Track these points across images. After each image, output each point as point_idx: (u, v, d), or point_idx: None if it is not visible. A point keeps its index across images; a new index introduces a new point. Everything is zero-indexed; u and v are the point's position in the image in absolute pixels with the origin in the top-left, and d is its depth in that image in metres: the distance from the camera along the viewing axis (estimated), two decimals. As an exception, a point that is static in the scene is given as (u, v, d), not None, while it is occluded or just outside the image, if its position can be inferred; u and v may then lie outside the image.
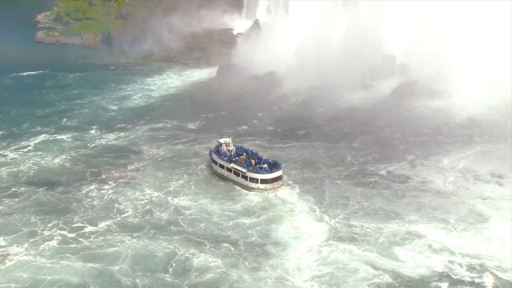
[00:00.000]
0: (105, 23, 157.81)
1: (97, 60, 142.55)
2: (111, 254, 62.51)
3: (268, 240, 65.09)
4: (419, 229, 66.83)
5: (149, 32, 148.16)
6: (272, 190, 75.50)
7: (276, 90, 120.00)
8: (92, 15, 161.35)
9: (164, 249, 63.18)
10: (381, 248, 63.66)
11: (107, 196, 74.81)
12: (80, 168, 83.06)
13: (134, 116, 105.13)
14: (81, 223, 68.54)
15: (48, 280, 58.59)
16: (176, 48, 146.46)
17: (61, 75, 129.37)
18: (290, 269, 60.18)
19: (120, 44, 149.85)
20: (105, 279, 58.68)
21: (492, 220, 68.49)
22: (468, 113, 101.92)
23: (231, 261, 61.45)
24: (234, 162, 78.22)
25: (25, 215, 70.05)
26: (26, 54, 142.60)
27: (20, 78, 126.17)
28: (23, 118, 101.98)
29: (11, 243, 64.80)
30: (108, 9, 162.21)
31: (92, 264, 60.79)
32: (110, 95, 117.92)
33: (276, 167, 76.56)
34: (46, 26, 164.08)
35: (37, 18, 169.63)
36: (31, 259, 61.91)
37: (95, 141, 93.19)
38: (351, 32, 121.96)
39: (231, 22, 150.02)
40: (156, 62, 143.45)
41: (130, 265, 60.64)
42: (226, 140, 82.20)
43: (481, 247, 63.43)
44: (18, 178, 79.31)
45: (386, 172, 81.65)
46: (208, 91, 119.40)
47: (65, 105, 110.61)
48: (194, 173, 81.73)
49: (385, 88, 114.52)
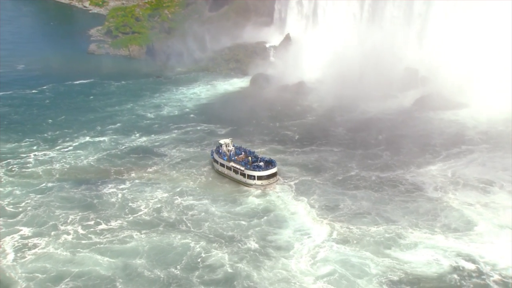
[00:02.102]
0: (149, 36, 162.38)
1: (141, 70, 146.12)
2: (129, 249, 64.91)
3: (269, 241, 66.31)
4: (412, 232, 67.65)
5: (189, 44, 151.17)
6: (268, 185, 78.38)
7: (303, 99, 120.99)
8: (138, 29, 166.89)
9: (177, 245, 65.32)
10: (379, 248, 64.60)
11: (125, 194, 77.49)
12: (105, 167, 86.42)
13: (169, 121, 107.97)
14: (100, 219, 71.22)
15: (74, 272, 60.88)
16: (214, 59, 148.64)
17: (108, 83, 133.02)
18: (294, 270, 61.01)
19: (162, 55, 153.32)
20: (128, 272, 60.83)
21: (478, 226, 68.64)
22: (481, 124, 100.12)
23: (238, 259, 62.87)
24: (233, 161, 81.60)
25: (50, 208, 73.64)
26: (79, 64, 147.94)
27: (72, 86, 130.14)
28: (69, 122, 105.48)
29: (36, 234, 67.68)
30: (152, 23, 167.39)
31: (109, 258, 62.88)
32: (149, 101, 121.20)
33: (272, 164, 79.85)
34: (98, 39, 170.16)
35: (90, 32, 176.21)
36: (53, 251, 64.40)
37: (125, 143, 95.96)
38: (376, 46, 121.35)
39: (264, 36, 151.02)
40: (195, 72, 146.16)
41: (148, 259, 62.87)
42: (226, 141, 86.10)
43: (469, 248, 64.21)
44: (51, 175, 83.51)
45: (382, 177, 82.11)
46: (241, 99, 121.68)
47: (108, 111, 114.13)
48: (208, 175, 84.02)
49: (407, 99, 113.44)
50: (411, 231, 67.89)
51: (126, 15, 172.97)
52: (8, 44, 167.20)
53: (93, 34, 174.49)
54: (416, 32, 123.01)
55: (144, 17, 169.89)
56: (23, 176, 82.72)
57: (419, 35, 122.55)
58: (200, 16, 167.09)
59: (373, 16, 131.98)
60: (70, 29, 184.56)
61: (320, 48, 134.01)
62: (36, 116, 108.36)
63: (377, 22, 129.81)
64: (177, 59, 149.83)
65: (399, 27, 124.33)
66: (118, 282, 59.52)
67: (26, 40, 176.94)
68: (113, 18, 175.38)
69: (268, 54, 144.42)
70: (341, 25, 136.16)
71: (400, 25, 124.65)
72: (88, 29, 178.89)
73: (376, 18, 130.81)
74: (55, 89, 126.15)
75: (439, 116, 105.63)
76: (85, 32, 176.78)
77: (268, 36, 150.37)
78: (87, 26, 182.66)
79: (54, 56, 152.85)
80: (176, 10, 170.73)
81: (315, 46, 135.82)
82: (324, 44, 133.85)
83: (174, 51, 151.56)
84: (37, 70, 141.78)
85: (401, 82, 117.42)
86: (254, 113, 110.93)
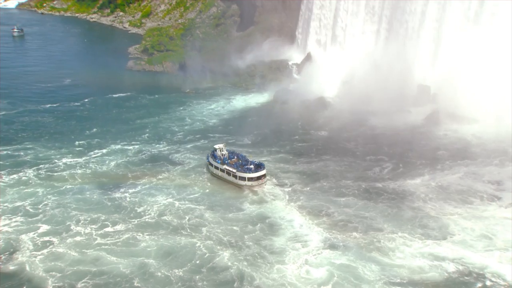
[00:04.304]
0: (181, 53, 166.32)
1: (173, 84, 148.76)
2: (140, 250, 66.95)
3: (264, 247, 67.96)
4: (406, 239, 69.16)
5: (217, 61, 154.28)
6: (257, 186, 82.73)
7: (323, 113, 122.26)
8: (172, 47, 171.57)
9: (182, 248, 67.70)
10: (373, 253, 66.22)
11: (134, 198, 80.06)
12: (124, 172, 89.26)
13: (193, 132, 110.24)
14: (109, 221, 73.77)
15: (92, 272, 62.73)
16: (240, 75, 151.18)
17: (142, 96, 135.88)
18: (289, 276, 62.17)
19: (193, 71, 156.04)
20: (143, 271, 62.76)
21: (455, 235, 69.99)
22: (489, 139, 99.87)
23: (240, 261, 64.75)
24: (226, 164, 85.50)
25: (66, 209, 76.14)
26: (118, 79, 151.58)
27: (110, 99, 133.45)
28: (102, 133, 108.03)
29: (52, 233, 70.17)
30: (185, 42, 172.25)
31: (118, 258, 65.02)
32: (177, 114, 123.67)
33: (260, 167, 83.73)
34: (135, 56, 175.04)
35: (129, 50, 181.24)
36: (68, 251, 66.61)
37: (147, 152, 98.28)
38: (391, 65, 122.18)
39: (287, 54, 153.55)
40: (222, 87, 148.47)
41: (158, 260, 65.21)
42: (220, 146, 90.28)
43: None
44: (74, 179, 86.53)
45: (378, 187, 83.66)
46: (264, 112, 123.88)
47: (137, 122, 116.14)
48: (211, 181, 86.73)
49: (419, 115, 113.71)
50: (410, 239, 69.12)
51: (161, 35, 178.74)
52: (58, 61, 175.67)
53: (131, 52, 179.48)
54: (429, 52, 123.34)
55: (178, 36, 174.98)
56: (49, 179, 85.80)
57: (432, 54, 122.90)
58: (228, 36, 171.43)
59: (388, 37, 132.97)
60: (111, 47, 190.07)
61: (339, 66, 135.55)
62: (74, 126, 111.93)
63: (392, 42, 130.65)
64: (206, 74, 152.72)
65: (413, 47, 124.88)
66: (135, 281, 61.37)
67: (73, 57, 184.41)
68: (150, 37, 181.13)
69: (290, 71, 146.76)
70: (358, 45, 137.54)
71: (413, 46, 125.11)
72: (127, 47, 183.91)
73: (391, 38, 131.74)
74: (94, 102, 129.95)
75: (448, 131, 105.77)
76: (124, 50, 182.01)
77: (290, 55, 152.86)
78: (126, 44, 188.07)
79: (96, 71, 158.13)
80: (207, 30, 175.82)
81: (334, 65, 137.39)
82: (342, 63, 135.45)
83: (204, 68, 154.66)
84: (81, 84, 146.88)
85: (414, 98, 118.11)
86: (275, 125, 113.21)
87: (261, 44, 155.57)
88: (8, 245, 68.11)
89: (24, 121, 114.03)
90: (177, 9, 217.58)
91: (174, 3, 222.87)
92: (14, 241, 68.98)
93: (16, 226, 72.30)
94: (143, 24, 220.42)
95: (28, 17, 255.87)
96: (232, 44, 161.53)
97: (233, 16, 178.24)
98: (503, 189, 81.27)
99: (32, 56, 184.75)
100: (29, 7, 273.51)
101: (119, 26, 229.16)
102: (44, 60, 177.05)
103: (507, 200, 78.08)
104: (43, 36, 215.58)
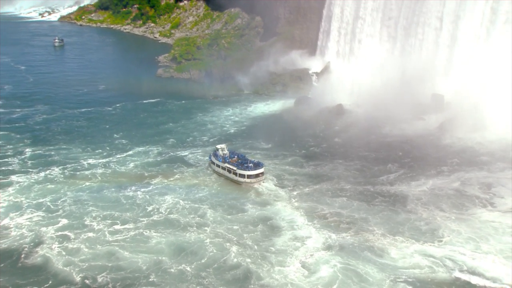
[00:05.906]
0: (208, 62, 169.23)
1: (199, 91, 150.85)
2: (153, 247, 67.40)
3: (266, 248, 67.41)
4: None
5: (242, 69, 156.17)
6: (256, 183, 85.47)
7: (341, 120, 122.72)
8: (199, 56, 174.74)
9: (192, 244, 68.28)
10: (374, 255, 66.14)
11: (148, 197, 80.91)
12: (141, 172, 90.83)
13: (218, 135, 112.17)
14: (126, 218, 74.68)
15: (108, 267, 63.10)
16: (262, 83, 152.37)
17: (170, 102, 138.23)
18: (291, 277, 61.70)
19: (218, 79, 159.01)
20: (158, 267, 63.02)
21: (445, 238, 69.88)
22: (494, 146, 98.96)
23: (246, 261, 64.51)
24: (227, 163, 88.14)
25: (83, 206, 77.57)
26: (148, 86, 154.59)
27: (139, 105, 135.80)
28: (129, 136, 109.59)
29: (71, 228, 71.36)
30: (211, 51, 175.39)
31: (131, 254, 65.31)
32: (202, 119, 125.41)
33: (259, 166, 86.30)
34: (164, 65, 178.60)
35: (159, 59, 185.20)
36: (86, 246, 67.28)
37: (167, 154, 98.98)
38: (406, 74, 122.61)
39: (307, 63, 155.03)
40: (246, 94, 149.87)
41: (170, 256, 65.59)
42: (221, 146, 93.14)
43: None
44: (95, 177, 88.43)
45: (386, 191, 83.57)
46: (285, 118, 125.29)
47: (162, 127, 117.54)
48: (217, 180, 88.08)
49: (432, 122, 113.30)
50: (410, 241, 69.16)
51: (189, 44, 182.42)
52: (93, 68, 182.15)
53: (160, 60, 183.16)
54: (443, 62, 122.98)
55: (204, 46, 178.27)
56: (72, 178, 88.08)
57: (446, 64, 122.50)
58: (252, 46, 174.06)
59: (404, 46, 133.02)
60: (142, 56, 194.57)
61: (357, 74, 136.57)
62: (104, 130, 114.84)
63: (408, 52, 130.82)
64: (231, 82, 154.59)
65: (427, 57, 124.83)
66: (151, 277, 61.57)
67: (107, 65, 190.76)
68: (178, 46, 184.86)
69: (310, 79, 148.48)
70: (375, 55, 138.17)
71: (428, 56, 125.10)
72: (157, 56, 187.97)
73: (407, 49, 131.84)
74: (125, 107, 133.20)
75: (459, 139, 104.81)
76: (154, 58, 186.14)
77: (311, 64, 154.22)
78: (156, 53, 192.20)
79: (128, 78, 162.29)
80: (232, 40, 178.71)
81: (352, 73, 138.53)
82: (360, 72, 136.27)
83: (229, 75, 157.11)
84: (113, 90, 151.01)
85: (428, 107, 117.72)
86: (293, 130, 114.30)
87: (283, 54, 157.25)
88: (30, 239, 69.63)
89: (60, 124, 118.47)
90: (204, 21, 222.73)
91: (201, 15, 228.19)
92: (35, 234, 70.53)
93: (38, 220, 74.35)
94: (172, 35, 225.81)
95: (68, 28, 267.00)
96: (255, 53, 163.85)
97: (256, 27, 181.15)
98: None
99: (71, 64, 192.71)
100: (69, 19, 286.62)
101: (150, 36, 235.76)
102: (81, 68, 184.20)
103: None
104: (81, 46, 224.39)
